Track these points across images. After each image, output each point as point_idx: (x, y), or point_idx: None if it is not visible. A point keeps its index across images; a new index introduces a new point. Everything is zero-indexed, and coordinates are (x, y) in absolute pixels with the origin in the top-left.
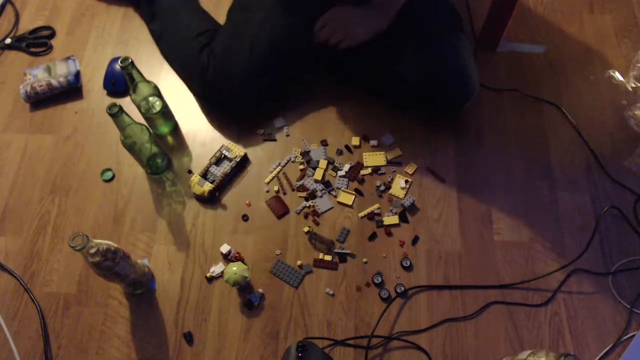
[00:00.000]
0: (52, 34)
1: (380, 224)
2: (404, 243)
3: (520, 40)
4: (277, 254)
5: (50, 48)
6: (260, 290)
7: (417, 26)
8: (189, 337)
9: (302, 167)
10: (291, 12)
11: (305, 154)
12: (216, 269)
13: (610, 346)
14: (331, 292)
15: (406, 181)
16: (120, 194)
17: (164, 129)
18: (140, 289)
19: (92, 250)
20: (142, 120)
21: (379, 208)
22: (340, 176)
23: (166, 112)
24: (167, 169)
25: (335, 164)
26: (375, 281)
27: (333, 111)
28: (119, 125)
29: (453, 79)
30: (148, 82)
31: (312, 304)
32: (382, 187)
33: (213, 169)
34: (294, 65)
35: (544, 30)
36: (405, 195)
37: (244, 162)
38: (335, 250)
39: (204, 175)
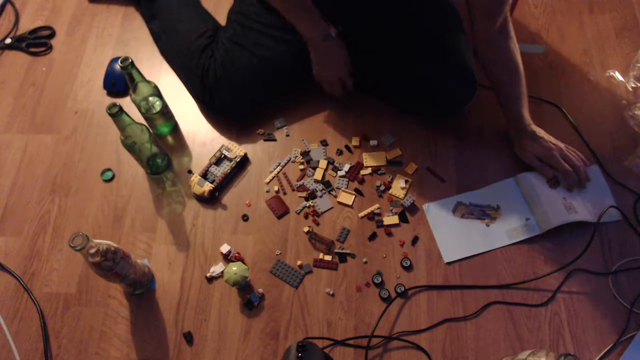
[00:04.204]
0: (52, 34)
1: (380, 224)
2: (404, 243)
3: (521, 40)
4: (277, 254)
5: (50, 48)
6: (260, 290)
7: (416, 27)
8: (189, 337)
9: (302, 167)
10: (291, 31)
11: (305, 154)
12: (216, 269)
13: (610, 346)
14: (331, 292)
15: (406, 181)
16: (120, 194)
17: (164, 129)
18: (140, 289)
19: (92, 250)
20: (142, 120)
21: (379, 208)
22: (340, 176)
23: (166, 112)
24: (167, 169)
25: (335, 164)
26: (375, 281)
27: (333, 111)
28: (119, 125)
29: (453, 79)
30: (148, 82)
31: (312, 304)
32: (382, 187)
33: (213, 169)
34: (295, 72)
35: (544, 31)
36: (405, 195)
37: (244, 162)
38: (335, 250)
39: (204, 175)
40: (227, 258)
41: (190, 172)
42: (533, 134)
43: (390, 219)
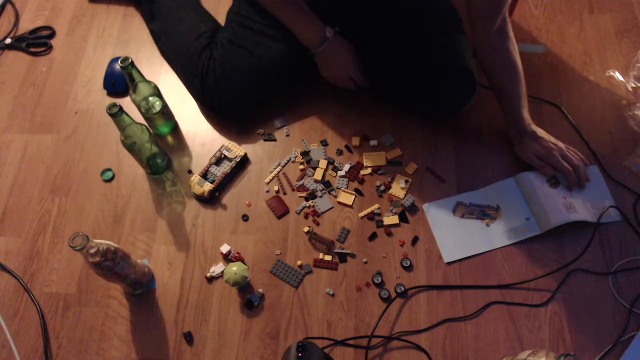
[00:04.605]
0: (52, 34)
1: (380, 224)
2: (404, 243)
3: (520, 40)
4: (277, 254)
5: (50, 48)
6: (260, 290)
7: (417, 27)
8: (189, 337)
9: (302, 167)
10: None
11: (305, 154)
12: (216, 269)
13: (610, 346)
14: (331, 292)
15: (406, 181)
16: (120, 194)
17: (164, 129)
18: (140, 289)
19: (92, 250)
20: (142, 120)
21: (379, 208)
22: (340, 176)
23: (166, 112)
24: (167, 169)
25: (335, 164)
26: (375, 281)
27: (333, 111)
28: (119, 125)
29: (453, 79)
30: (148, 82)
31: (312, 304)
32: (382, 187)
33: (213, 169)
34: (295, 72)
35: (544, 30)
36: (405, 195)
37: (244, 162)
38: (335, 250)
39: (204, 175)
40: (227, 258)
41: (190, 172)
42: (533, 134)
43: (390, 219)
